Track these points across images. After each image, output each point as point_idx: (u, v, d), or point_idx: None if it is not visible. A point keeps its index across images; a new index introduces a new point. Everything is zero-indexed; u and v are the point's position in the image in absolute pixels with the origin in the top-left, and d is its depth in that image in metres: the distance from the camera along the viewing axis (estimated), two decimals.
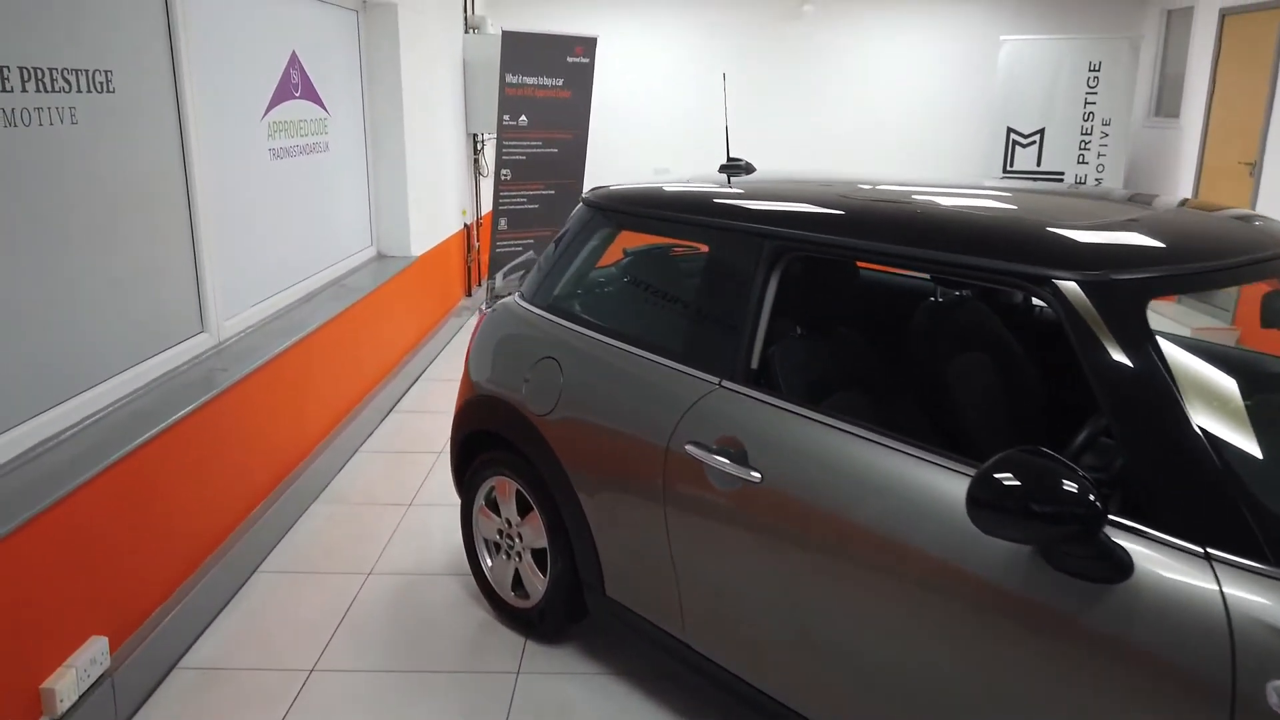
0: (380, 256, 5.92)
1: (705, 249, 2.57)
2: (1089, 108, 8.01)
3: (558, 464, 2.78)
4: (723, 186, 2.75)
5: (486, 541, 3.23)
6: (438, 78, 6.68)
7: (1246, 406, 1.87)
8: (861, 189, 2.56)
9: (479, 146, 7.83)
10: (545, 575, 2.98)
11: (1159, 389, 1.74)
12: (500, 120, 7.08)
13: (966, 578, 1.87)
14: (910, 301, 3.23)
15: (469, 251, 7.74)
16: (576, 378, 2.77)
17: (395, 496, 4.20)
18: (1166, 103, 8.44)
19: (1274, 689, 1.51)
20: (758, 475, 2.23)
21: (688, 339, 2.54)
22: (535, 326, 3.00)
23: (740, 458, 2.28)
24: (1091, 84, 7.97)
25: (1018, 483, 1.68)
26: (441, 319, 6.88)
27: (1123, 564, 1.68)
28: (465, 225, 7.52)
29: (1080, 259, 1.92)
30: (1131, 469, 1.75)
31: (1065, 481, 1.66)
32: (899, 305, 3.25)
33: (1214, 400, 1.80)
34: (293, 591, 3.41)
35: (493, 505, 3.17)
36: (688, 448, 2.40)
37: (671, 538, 2.48)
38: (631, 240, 3.10)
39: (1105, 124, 8.03)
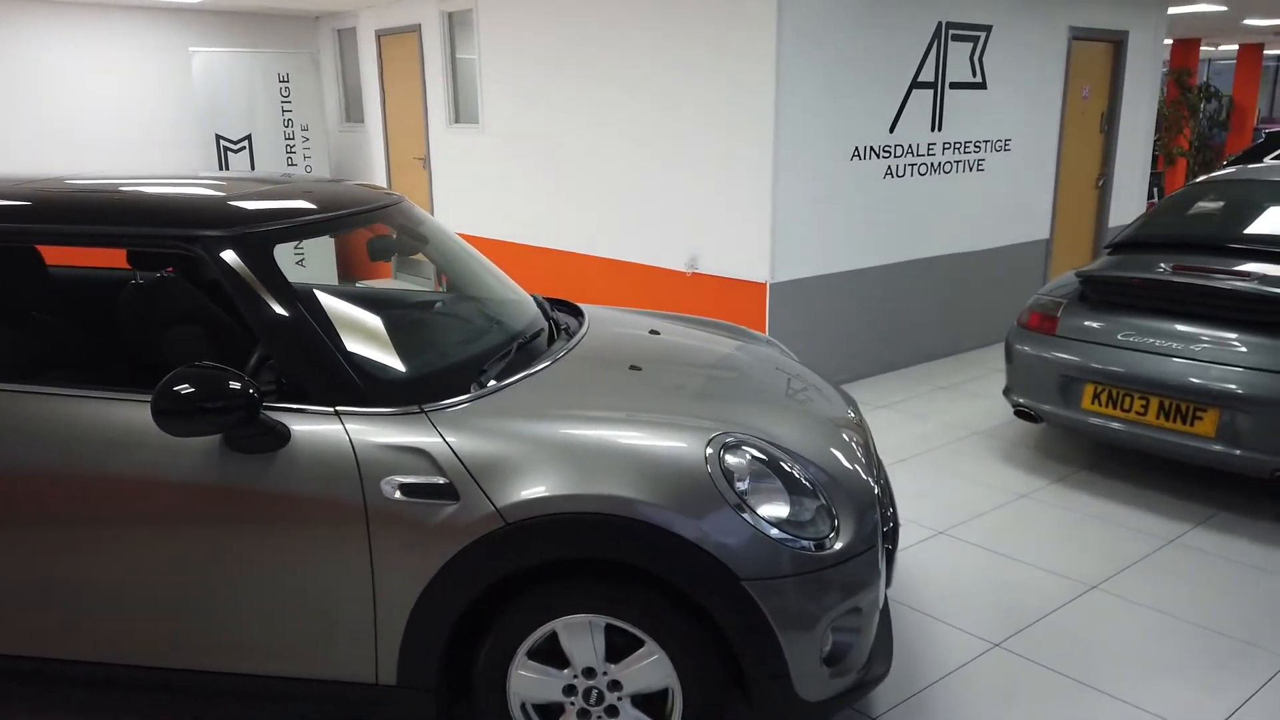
0: None
1: None
2: (287, 115, 8.82)
3: None
4: None
5: None
6: None
7: (353, 316, 2.64)
8: (38, 182, 2.75)
9: None
10: None
11: (290, 309, 2.38)
12: None
13: (175, 486, 2.30)
14: (116, 288, 3.48)
15: None
16: None
17: None
18: (353, 110, 9.72)
19: (385, 483, 2.26)
20: None
21: None
22: None
23: None
24: (285, 94, 8.78)
25: (192, 389, 2.17)
26: None
27: (283, 434, 2.29)
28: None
29: (222, 219, 2.46)
30: (280, 365, 2.36)
31: (231, 381, 2.20)
32: (105, 292, 3.47)
33: (329, 313, 2.51)
34: None
35: None
36: None
37: None
38: None
39: (305, 130, 8.93)
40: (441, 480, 2.25)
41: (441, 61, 8.05)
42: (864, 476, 2.56)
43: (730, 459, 2.31)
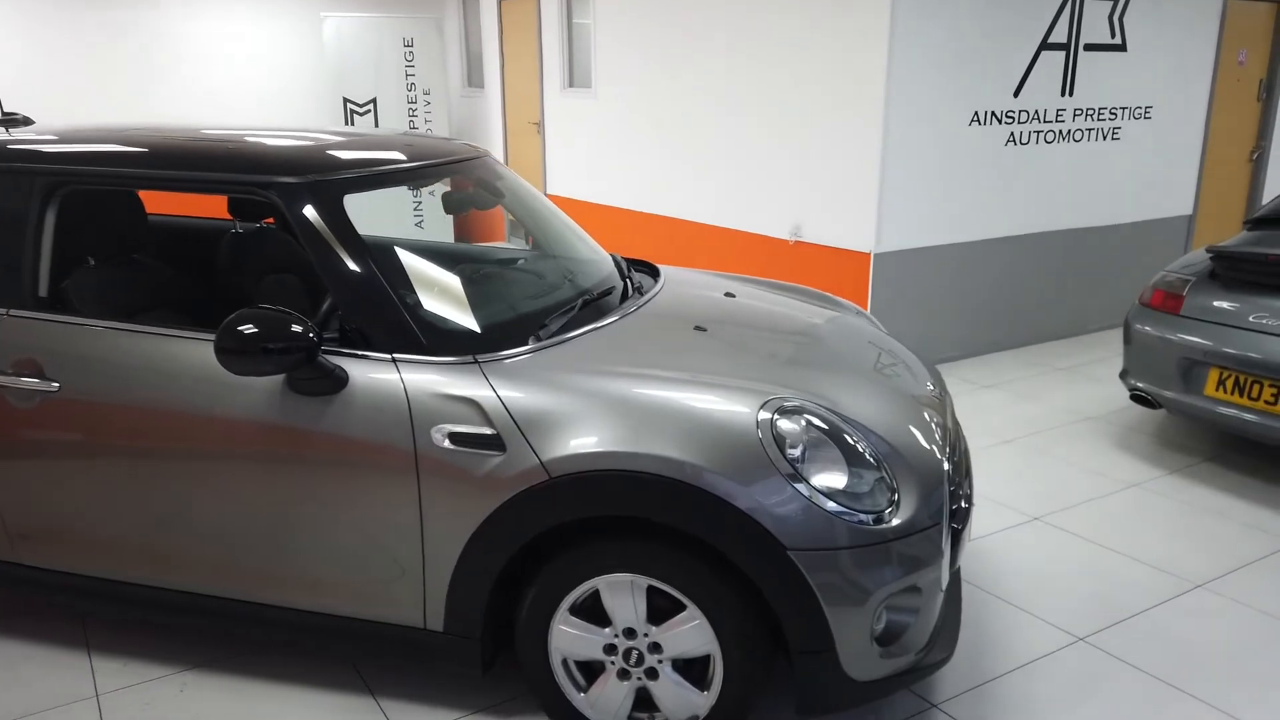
0: None
1: None
2: (410, 79, 9.04)
3: None
4: None
5: None
6: None
7: (421, 268, 2.66)
8: (136, 130, 2.87)
9: None
10: None
11: (355, 256, 2.41)
12: None
13: (241, 423, 2.38)
14: (217, 237, 3.63)
15: None
16: None
17: None
18: (475, 75, 9.87)
19: (435, 430, 2.27)
20: (56, 385, 2.49)
21: None
22: None
23: (38, 374, 2.51)
24: (409, 58, 8.99)
25: (256, 330, 2.22)
26: None
27: (341, 378, 2.33)
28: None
29: (295, 167, 2.51)
30: (343, 311, 2.40)
31: (294, 325, 2.25)
32: (209, 239, 3.63)
33: (390, 262, 2.53)
34: None
35: None
36: None
37: None
38: None
39: (427, 94, 9.14)
40: (489, 431, 2.25)
41: (558, 26, 8.06)
42: (933, 451, 2.42)
43: (784, 424, 2.22)
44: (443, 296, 2.55)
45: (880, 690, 2.28)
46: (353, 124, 9.02)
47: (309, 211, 2.44)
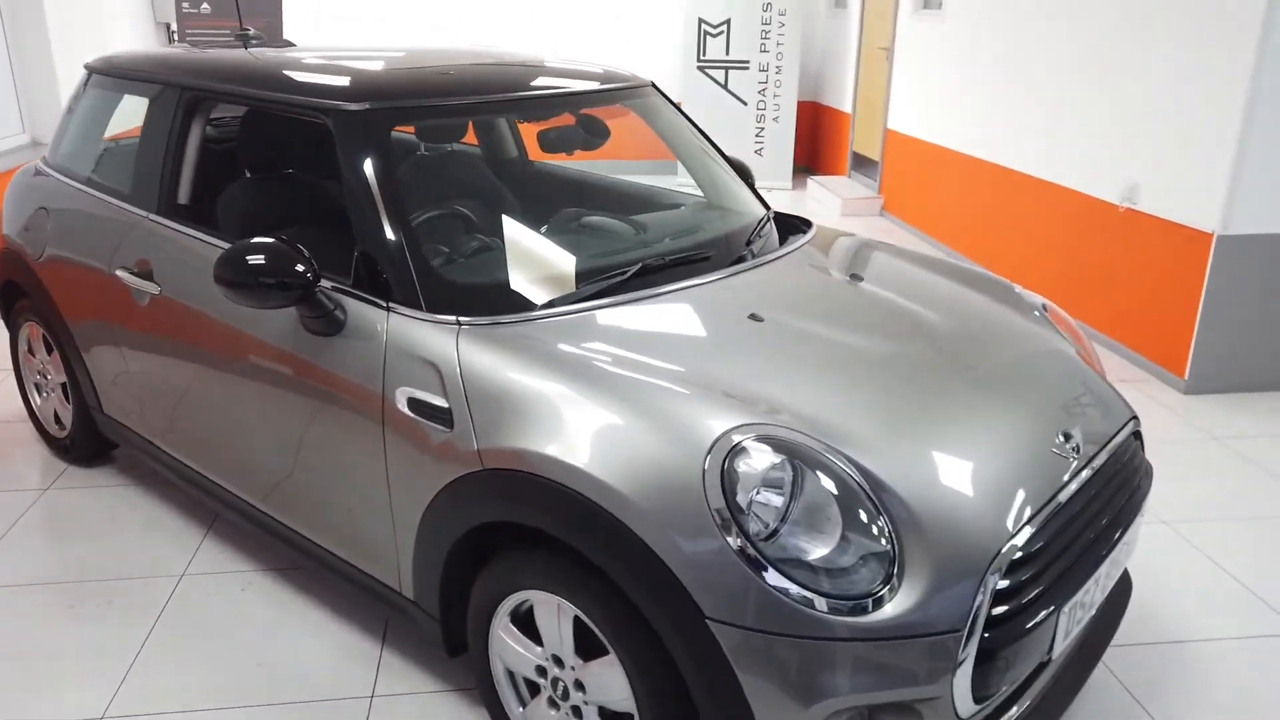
0: (34, 144, 5.96)
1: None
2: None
3: (51, 301, 3.16)
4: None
5: (34, 383, 3.59)
6: None
7: (472, 209, 2.44)
8: (297, 54, 2.95)
9: (171, 38, 7.77)
10: (70, 405, 3.38)
11: (383, 192, 2.26)
12: (179, 7, 7.08)
13: (270, 345, 2.39)
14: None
15: None
16: (59, 223, 3.14)
17: None
18: None
19: (400, 391, 2.09)
20: (156, 288, 2.69)
21: (135, 183, 2.93)
22: (39, 183, 3.33)
23: (148, 275, 2.73)
24: None
25: (262, 261, 2.18)
26: None
27: (338, 321, 2.22)
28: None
29: (348, 93, 2.39)
30: (360, 250, 2.28)
31: (298, 264, 2.17)
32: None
33: (420, 203, 2.34)
34: None
35: (31, 348, 3.53)
36: (117, 272, 2.83)
37: (125, 353, 2.93)
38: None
39: (782, 14, 8.68)
40: (441, 402, 2.02)
41: None
42: (991, 530, 1.75)
43: (745, 461, 1.71)
44: (474, 244, 2.32)
45: None
46: (705, 47, 8.85)
47: (350, 141, 2.32)
